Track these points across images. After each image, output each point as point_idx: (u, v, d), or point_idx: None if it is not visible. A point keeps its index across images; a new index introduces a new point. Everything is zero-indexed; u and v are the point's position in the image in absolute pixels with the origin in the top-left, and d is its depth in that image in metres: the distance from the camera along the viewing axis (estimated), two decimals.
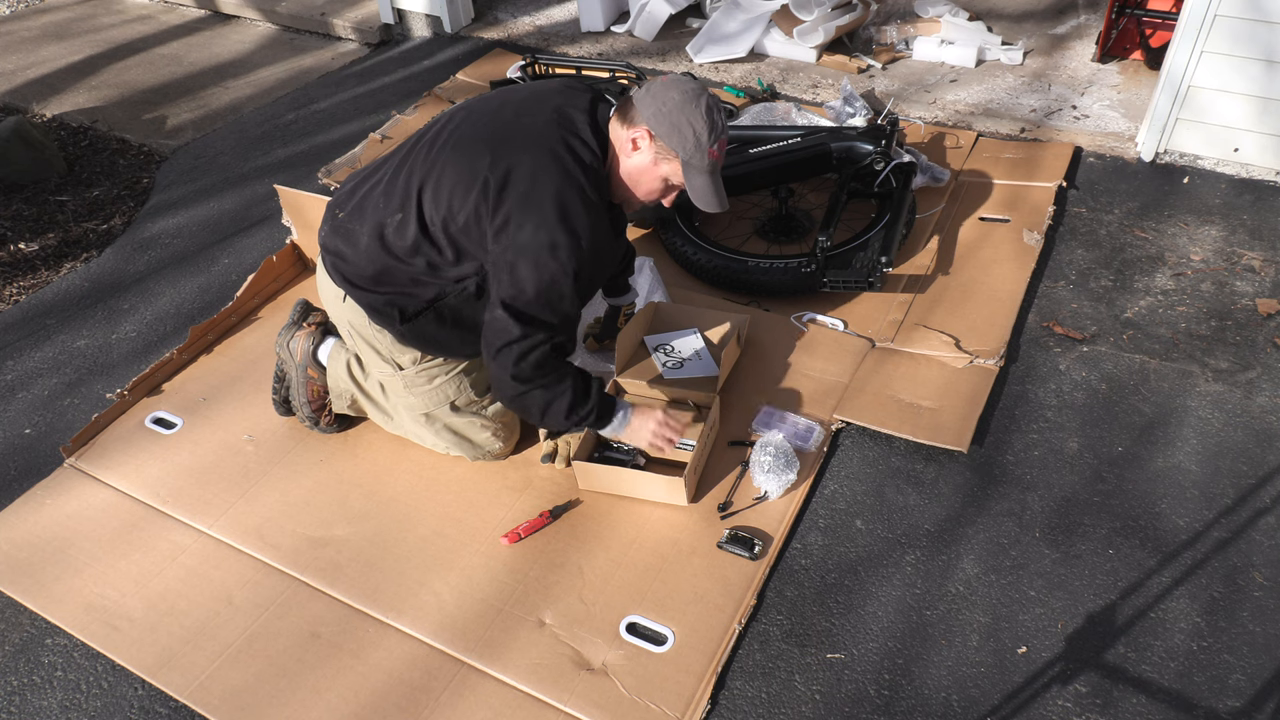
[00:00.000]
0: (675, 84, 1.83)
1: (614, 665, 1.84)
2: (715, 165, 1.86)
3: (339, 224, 2.01)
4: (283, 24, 4.87)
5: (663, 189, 1.91)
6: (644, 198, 1.93)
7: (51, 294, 3.00)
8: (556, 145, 1.80)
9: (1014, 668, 1.82)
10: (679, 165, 1.84)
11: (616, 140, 1.87)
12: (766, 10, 4.10)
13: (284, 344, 2.31)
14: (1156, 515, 2.09)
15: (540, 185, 1.77)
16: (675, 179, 1.88)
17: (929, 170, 3.14)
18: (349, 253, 1.99)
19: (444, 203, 1.84)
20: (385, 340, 2.05)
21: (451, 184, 1.84)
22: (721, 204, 1.90)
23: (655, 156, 1.84)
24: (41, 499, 2.26)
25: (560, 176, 1.78)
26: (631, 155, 1.86)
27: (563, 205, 1.77)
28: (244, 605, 1.99)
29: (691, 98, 1.80)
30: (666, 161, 1.85)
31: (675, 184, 1.90)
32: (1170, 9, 3.67)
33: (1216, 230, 2.94)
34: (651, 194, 1.92)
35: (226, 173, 3.60)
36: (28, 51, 4.68)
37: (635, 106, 1.83)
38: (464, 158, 1.84)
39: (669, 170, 1.86)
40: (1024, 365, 2.50)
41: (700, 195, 1.88)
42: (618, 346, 2.38)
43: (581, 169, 1.80)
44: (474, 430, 2.19)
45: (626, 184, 1.90)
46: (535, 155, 1.79)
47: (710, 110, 1.81)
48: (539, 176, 1.78)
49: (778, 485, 2.13)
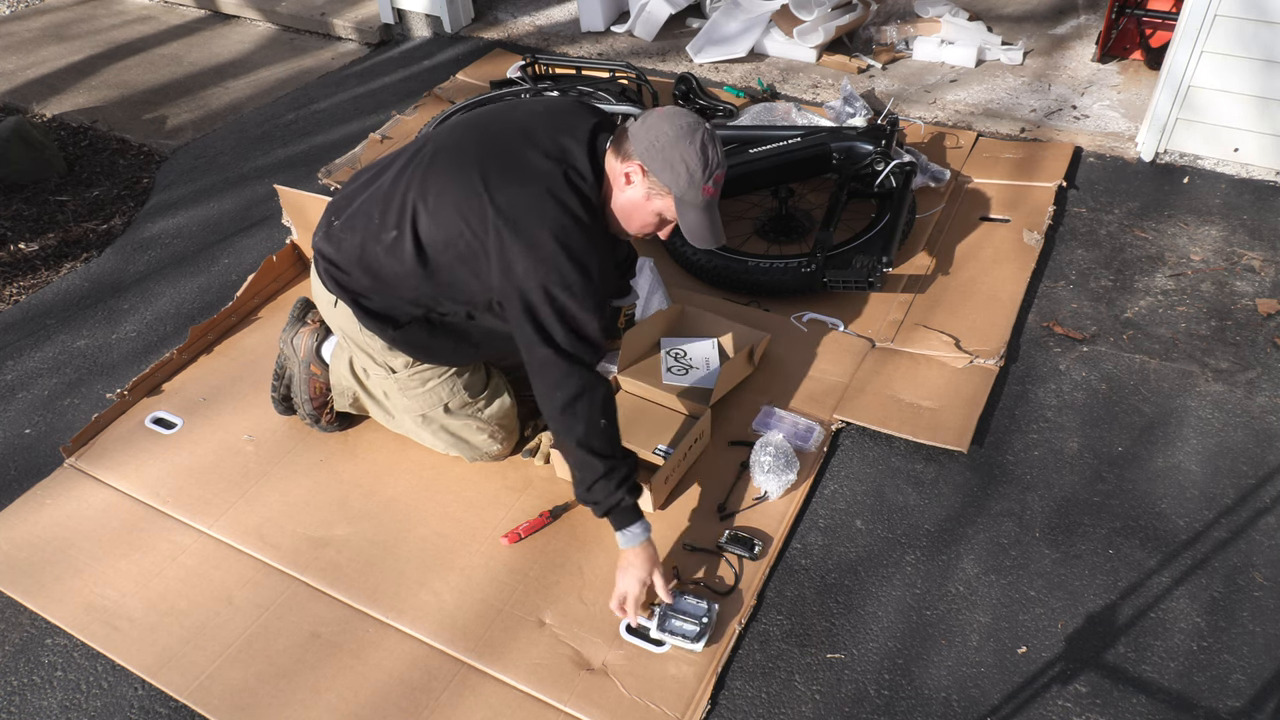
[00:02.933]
0: (670, 117, 1.78)
1: (614, 665, 1.84)
2: (711, 202, 1.82)
3: (333, 231, 2.00)
4: (283, 24, 4.87)
5: (657, 223, 1.87)
6: (637, 232, 1.89)
7: (51, 294, 3.00)
8: (555, 182, 1.77)
9: (1014, 668, 1.82)
10: (672, 201, 1.80)
11: (611, 173, 1.83)
12: (766, 10, 4.10)
13: (288, 340, 2.30)
14: (1156, 515, 2.09)
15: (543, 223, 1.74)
16: (669, 214, 1.84)
17: (929, 170, 3.14)
18: (341, 260, 1.98)
19: (442, 227, 1.83)
20: (376, 345, 2.05)
21: (450, 210, 1.81)
22: (717, 239, 1.86)
23: (648, 192, 1.80)
24: (41, 499, 2.26)
25: (558, 213, 1.75)
26: (625, 190, 1.82)
27: (566, 244, 1.74)
28: (244, 605, 1.99)
29: (686, 133, 1.76)
30: (660, 197, 1.80)
31: (669, 219, 1.86)
32: (1170, 9, 3.67)
33: (1216, 230, 2.94)
34: (646, 228, 1.88)
35: (226, 173, 3.60)
36: (28, 51, 4.68)
37: (630, 139, 1.79)
38: (462, 184, 1.81)
39: (662, 206, 1.82)
40: (1024, 365, 2.50)
41: (694, 232, 1.84)
42: (629, 342, 2.38)
43: (581, 203, 1.78)
44: (470, 432, 2.19)
45: (621, 218, 1.87)
46: (534, 191, 1.76)
47: (705, 146, 1.76)
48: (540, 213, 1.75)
49: (778, 485, 2.13)
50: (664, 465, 2.10)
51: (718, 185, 1.82)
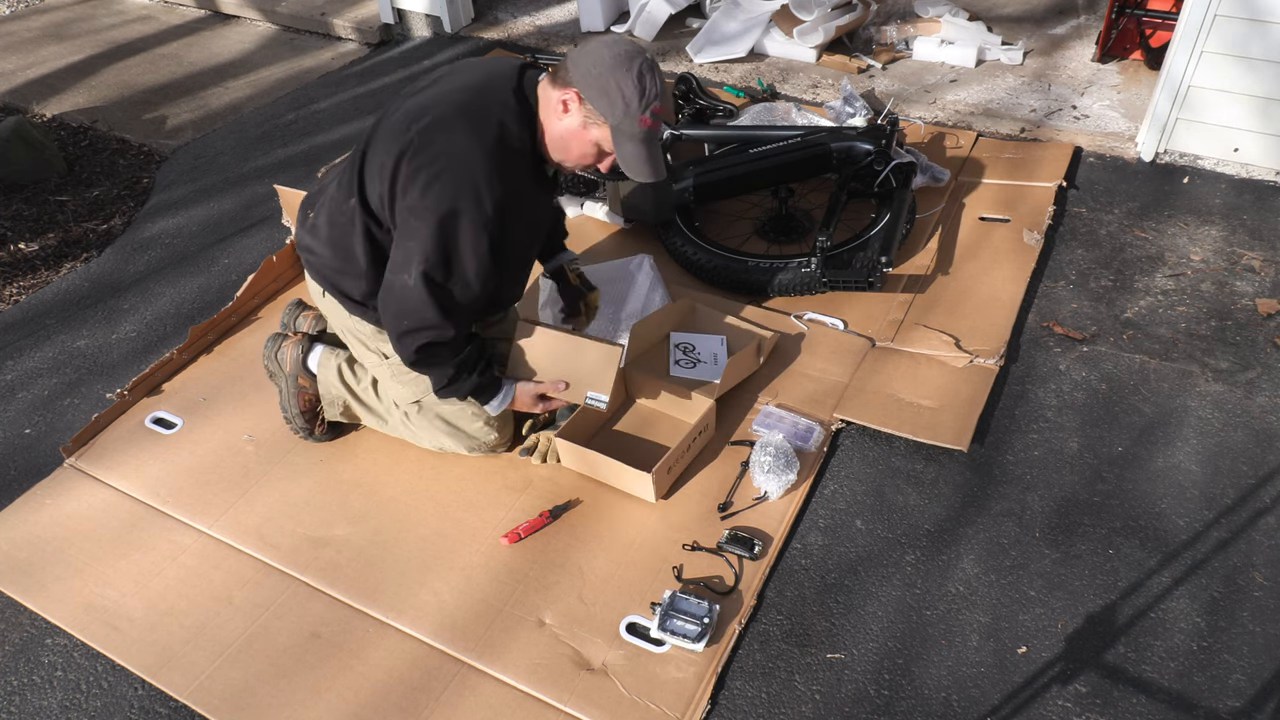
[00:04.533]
0: (610, 44, 1.73)
1: (614, 665, 1.84)
2: (649, 134, 1.76)
3: (309, 222, 2.04)
4: (283, 24, 4.87)
5: (595, 154, 1.82)
6: (576, 162, 1.84)
7: (51, 294, 3.00)
8: (470, 107, 1.74)
9: (1014, 668, 1.82)
10: (609, 131, 1.75)
11: (547, 101, 1.78)
12: (766, 10, 4.10)
13: (270, 355, 2.30)
14: (1156, 515, 2.09)
15: (446, 146, 1.71)
16: (606, 145, 1.78)
17: (929, 170, 3.14)
18: (317, 246, 2.01)
19: (375, 180, 1.83)
20: (366, 330, 2.06)
21: (380, 160, 1.81)
22: (656, 174, 1.80)
23: (584, 120, 1.75)
24: (41, 499, 2.26)
25: (467, 138, 1.72)
26: (562, 118, 1.77)
27: (469, 169, 1.71)
28: (244, 605, 1.99)
29: (624, 60, 1.70)
30: (597, 127, 1.75)
31: (607, 151, 1.80)
32: (1170, 9, 3.67)
33: (1216, 230, 2.94)
34: (585, 158, 1.83)
35: (226, 173, 3.60)
36: (28, 51, 4.68)
37: (568, 66, 1.74)
38: (392, 130, 1.80)
39: (599, 136, 1.77)
40: (1024, 365, 2.50)
41: (631, 165, 1.78)
42: (638, 335, 2.38)
43: (494, 130, 1.74)
44: (465, 419, 2.18)
45: (559, 149, 1.82)
46: (447, 117, 1.74)
47: (643, 75, 1.71)
48: (448, 137, 1.72)
49: (778, 485, 2.13)
50: (667, 455, 2.10)
51: (656, 117, 1.76)
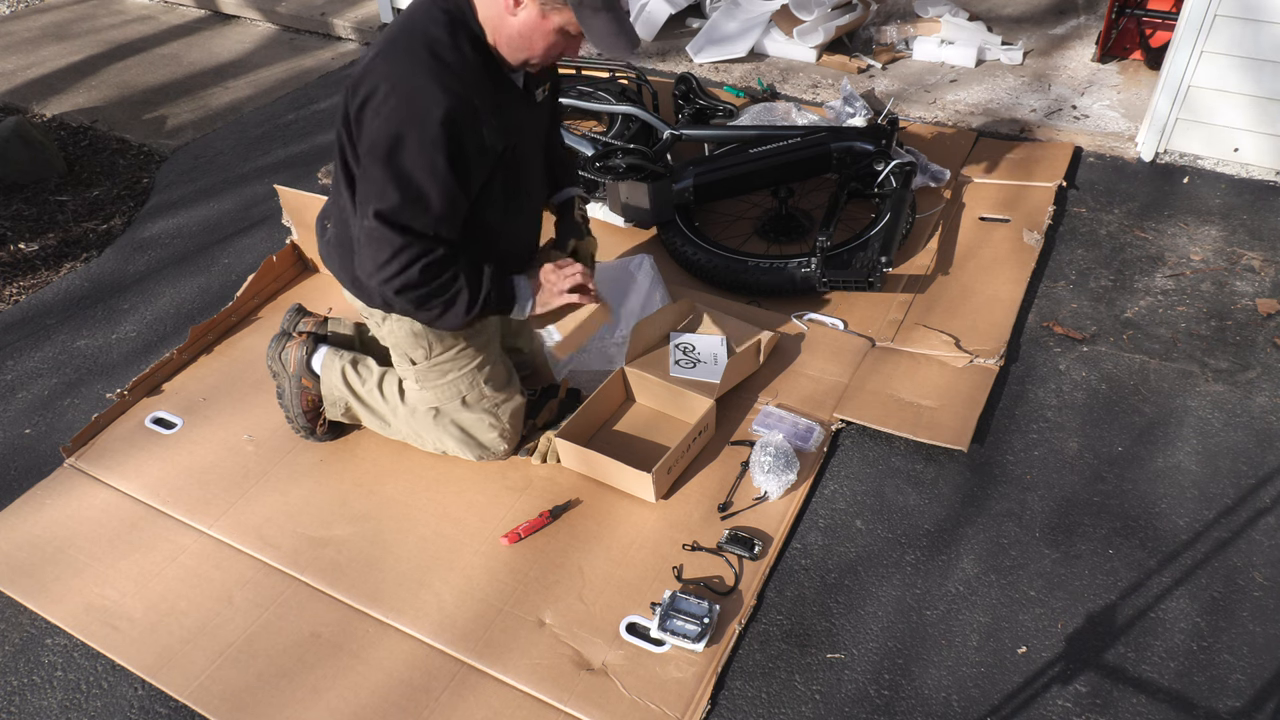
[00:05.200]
0: None
1: (614, 665, 1.84)
2: (613, 1, 1.70)
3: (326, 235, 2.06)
4: (283, 24, 4.88)
5: (563, 42, 1.76)
6: (545, 55, 1.79)
7: (51, 294, 3.00)
8: (397, 40, 1.73)
9: (1014, 668, 1.82)
10: (571, 13, 1.69)
11: (493, 4, 1.73)
12: (766, 10, 4.10)
13: (274, 355, 2.30)
14: (1156, 515, 2.09)
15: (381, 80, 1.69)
16: (572, 28, 1.72)
17: (929, 170, 3.14)
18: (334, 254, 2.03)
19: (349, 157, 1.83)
20: (402, 332, 2.06)
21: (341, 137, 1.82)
22: (631, 42, 1.73)
23: (542, 9, 1.69)
24: (41, 499, 2.26)
25: (399, 65, 1.69)
26: (515, 13, 1.71)
27: (405, 92, 1.68)
28: (244, 605, 1.99)
29: None
30: (557, 12, 1.69)
31: (574, 33, 1.74)
32: (1170, 9, 3.67)
33: (1216, 230, 2.94)
34: (553, 49, 1.77)
35: (226, 173, 3.60)
36: (28, 51, 4.68)
37: None
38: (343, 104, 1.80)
39: (562, 20, 1.71)
40: (1024, 365, 2.50)
41: (603, 37, 1.71)
42: (639, 335, 2.38)
43: (424, 48, 1.70)
44: (481, 429, 2.19)
45: (521, 47, 1.76)
46: (377, 60, 1.73)
47: None
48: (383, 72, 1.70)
49: (778, 485, 2.13)
50: (667, 455, 2.10)
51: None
